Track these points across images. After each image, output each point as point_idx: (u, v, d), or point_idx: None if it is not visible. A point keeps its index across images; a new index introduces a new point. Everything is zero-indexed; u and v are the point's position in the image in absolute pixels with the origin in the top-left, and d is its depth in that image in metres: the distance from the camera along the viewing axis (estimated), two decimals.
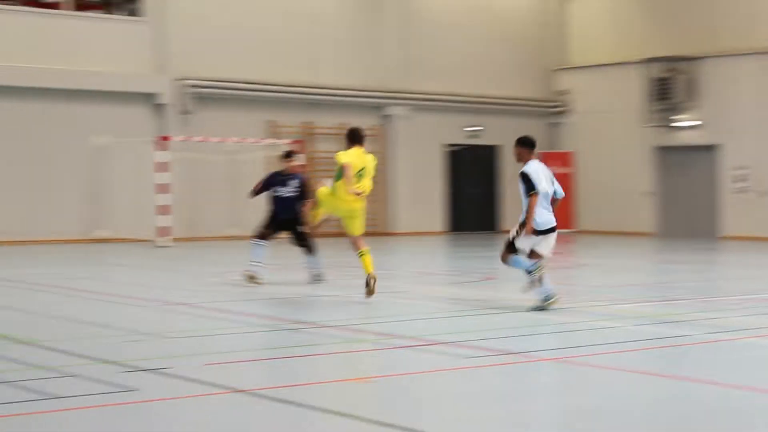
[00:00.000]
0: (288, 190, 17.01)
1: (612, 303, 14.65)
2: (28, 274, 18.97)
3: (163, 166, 26.34)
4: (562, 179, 32.70)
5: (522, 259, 13.63)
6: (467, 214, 35.00)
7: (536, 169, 13.63)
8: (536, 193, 13.42)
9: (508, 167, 35.04)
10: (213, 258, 23.42)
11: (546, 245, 13.71)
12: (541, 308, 13.49)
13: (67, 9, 28.43)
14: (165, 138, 27.03)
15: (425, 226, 33.82)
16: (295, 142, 29.00)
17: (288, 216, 16.97)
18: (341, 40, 32.26)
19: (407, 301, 14.99)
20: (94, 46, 28.25)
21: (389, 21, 33.06)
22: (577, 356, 10.43)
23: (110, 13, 29.39)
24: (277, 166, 18.01)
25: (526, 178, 13.51)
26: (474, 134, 35.00)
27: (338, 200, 14.54)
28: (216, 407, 8.01)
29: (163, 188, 26.31)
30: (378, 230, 32.35)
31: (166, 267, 21.61)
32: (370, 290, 14.28)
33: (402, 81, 33.24)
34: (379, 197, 32.52)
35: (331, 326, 12.18)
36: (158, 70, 29.09)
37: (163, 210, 26.34)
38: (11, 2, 27.91)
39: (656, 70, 32.92)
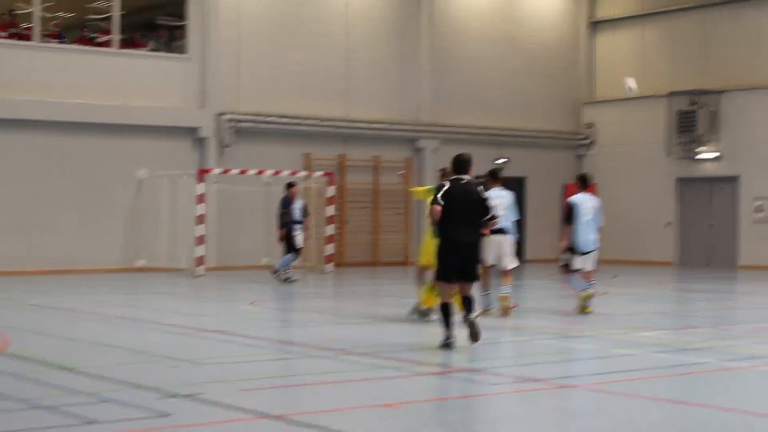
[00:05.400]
0: None
1: (632, 331, 14.62)
2: (69, 302, 19.12)
3: (201, 198, 26.49)
4: None
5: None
6: None
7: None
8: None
9: (535, 199, 35.03)
10: (245, 287, 23.51)
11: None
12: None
13: (114, 47, 28.66)
14: (205, 171, 27.20)
15: None
16: (328, 174, 29.12)
17: None
18: (374, 75, 32.37)
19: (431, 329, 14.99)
20: (139, 82, 28.51)
21: (421, 56, 33.13)
22: (595, 383, 10.42)
23: (154, 50, 29.61)
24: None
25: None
26: (502, 166, 34.95)
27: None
28: None
29: (201, 219, 26.45)
30: (405, 260, 32.26)
31: (200, 295, 21.72)
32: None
33: (433, 114, 33.31)
34: (407, 229, 32.52)
35: (353, 353, 12.18)
36: (200, 105, 29.32)
37: (200, 240, 26.48)
38: (59, 41, 28.22)
39: (680, 104, 32.85)
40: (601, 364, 11.99)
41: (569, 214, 16.90)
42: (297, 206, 24.45)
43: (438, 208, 12.43)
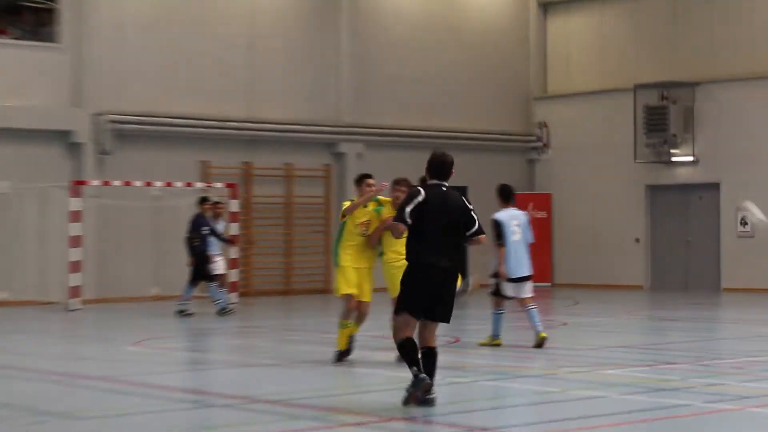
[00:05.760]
0: None
1: (598, 368, 14.57)
2: None
3: (77, 216, 26.10)
4: (538, 224, 32.80)
5: None
6: None
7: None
8: None
9: (478, 212, 34.89)
10: (130, 323, 23.20)
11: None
12: None
13: None
14: (80, 182, 26.83)
15: None
16: (230, 185, 28.81)
17: None
18: (285, 68, 32.17)
19: (368, 371, 14.80)
20: None
21: (341, 45, 33.04)
22: (558, 431, 10.32)
23: (18, 38, 29.25)
24: None
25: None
26: None
27: None
28: None
29: (75, 241, 26.06)
30: (324, 287, 31.93)
31: (75, 334, 21.47)
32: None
33: (355, 114, 33.19)
34: (326, 250, 32.25)
35: (262, 400, 11.97)
36: (73, 104, 28.95)
37: (75, 267, 26.07)
38: None
39: (648, 98, 33.00)
40: (561, 408, 11.86)
41: (499, 233, 16.88)
42: (219, 227, 24.88)
43: (401, 227, 11.55)
